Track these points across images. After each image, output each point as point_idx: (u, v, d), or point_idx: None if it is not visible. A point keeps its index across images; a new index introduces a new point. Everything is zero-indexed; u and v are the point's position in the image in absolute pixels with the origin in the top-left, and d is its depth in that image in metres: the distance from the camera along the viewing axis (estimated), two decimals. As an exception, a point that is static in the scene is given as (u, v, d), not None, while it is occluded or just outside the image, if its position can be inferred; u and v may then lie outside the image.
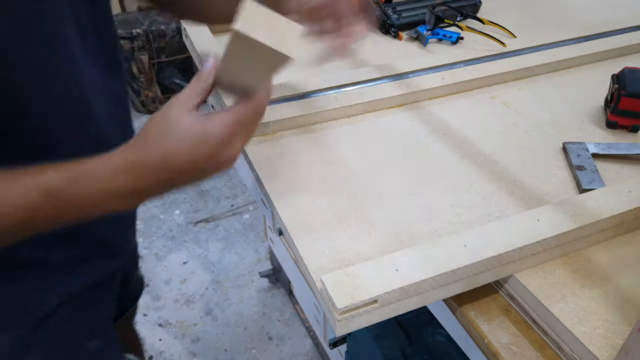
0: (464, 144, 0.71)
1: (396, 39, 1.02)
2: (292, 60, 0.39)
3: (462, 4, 1.07)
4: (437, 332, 0.93)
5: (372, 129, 0.74)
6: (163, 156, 0.42)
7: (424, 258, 0.49)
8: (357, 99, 0.76)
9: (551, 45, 0.93)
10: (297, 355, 1.59)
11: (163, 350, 1.60)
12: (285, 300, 1.74)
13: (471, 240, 0.51)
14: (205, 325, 1.67)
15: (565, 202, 0.56)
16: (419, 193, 0.62)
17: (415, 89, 0.79)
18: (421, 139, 0.72)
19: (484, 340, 0.50)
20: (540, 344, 0.50)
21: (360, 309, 0.45)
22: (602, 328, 0.47)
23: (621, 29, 0.99)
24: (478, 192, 0.63)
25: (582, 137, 0.73)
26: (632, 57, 0.94)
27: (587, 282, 0.52)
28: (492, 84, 0.85)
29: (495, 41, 0.91)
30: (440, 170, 0.66)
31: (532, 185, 0.64)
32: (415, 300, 0.48)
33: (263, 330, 1.66)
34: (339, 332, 0.46)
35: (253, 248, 1.93)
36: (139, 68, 2.51)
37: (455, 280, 0.49)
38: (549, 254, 0.53)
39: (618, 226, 0.56)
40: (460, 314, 0.53)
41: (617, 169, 0.67)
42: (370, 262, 0.48)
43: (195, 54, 0.94)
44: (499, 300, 0.54)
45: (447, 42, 0.99)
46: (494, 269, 0.51)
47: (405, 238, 0.56)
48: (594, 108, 0.79)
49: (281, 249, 1.40)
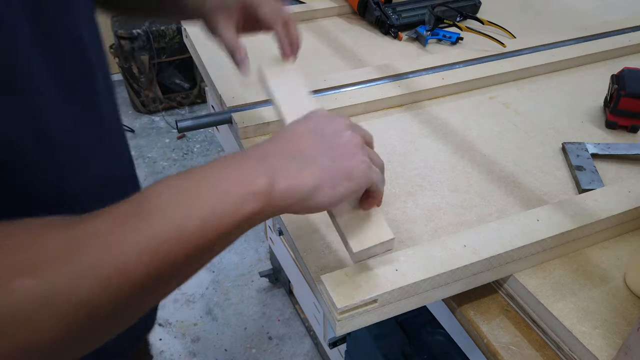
0: (463, 144, 0.71)
1: (396, 40, 1.02)
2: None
3: (461, 5, 1.07)
4: (437, 331, 0.93)
5: (372, 129, 0.74)
6: (281, 131, 0.42)
7: (423, 258, 0.49)
8: (357, 99, 0.77)
9: (551, 46, 0.93)
10: (297, 355, 1.59)
11: (163, 350, 1.60)
12: (285, 300, 1.75)
13: (471, 240, 0.51)
14: (205, 325, 1.67)
15: (565, 202, 0.56)
16: (419, 193, 0.62)
17: (415, 89, 0.80)
18: (421, 139, 0.72)
19: (484, 340, 0.50)
20: (539, 344, 0.50)
21: (360, 309, 0.45)
22: (601, 328, 0.47)
23: (621, 29, 0.99)
24: (477, 192, 0.63)
25: (582, 138, 0.73)
26: (631, 57, 0.94)
27: (586, 282, 0.52)
28: (491, 85, 0.85)
29: (494, 41, 0.91)
30: (440, 171, 0.66)
31: (532, 185, 0.64)
32: (414, 300, 0.48)
33: (263, 330, 1.66)
34: (339, 331, 0.46)
35: (253, 248, 1.93)
36: (139, 68, 2.51)
37: (454, 280, 0.49)
38: (548, 254, 0.53)
39: (617, 226, 0.56)
40: (460, 313, 0.53)
41: (617, 169, 0.67)
42: (370, 262, 0.48)
43: (195, 54, 0.94)
44: (499, 300, 0.54)
45: (447, 43, 0.99)
46: (494, 269, 0.51)
47: (405, 238, 0.56)
48: (594, 108, 0.79)
49: (281, 249, 1.40)
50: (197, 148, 2.50)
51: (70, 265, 0.28)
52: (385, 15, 1.03)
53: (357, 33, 1.05)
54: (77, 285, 0.28)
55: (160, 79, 2.61)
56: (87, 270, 0.28)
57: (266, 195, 0.35)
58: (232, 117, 0.72)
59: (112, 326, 0.32)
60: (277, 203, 0.36)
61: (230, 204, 0.33)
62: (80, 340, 0.30)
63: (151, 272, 0.30)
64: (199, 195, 0.33)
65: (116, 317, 0.31)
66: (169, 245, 0.31)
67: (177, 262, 0.31)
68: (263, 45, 0.63)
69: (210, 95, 1.29)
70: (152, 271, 0.30)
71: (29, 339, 0.27)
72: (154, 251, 0.30)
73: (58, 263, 0.28)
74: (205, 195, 0.33)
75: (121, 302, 0.30)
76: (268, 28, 0.57)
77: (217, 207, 0.33)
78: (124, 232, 0.30)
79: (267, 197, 0.35)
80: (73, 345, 0.30)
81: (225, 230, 0.33)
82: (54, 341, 0.28)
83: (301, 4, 1.13)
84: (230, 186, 0.34)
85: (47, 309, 0.27)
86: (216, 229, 0.33)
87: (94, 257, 0.29)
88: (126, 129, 2.58)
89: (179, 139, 2.56)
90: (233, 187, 0.34)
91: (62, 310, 0.27)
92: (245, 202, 0.34)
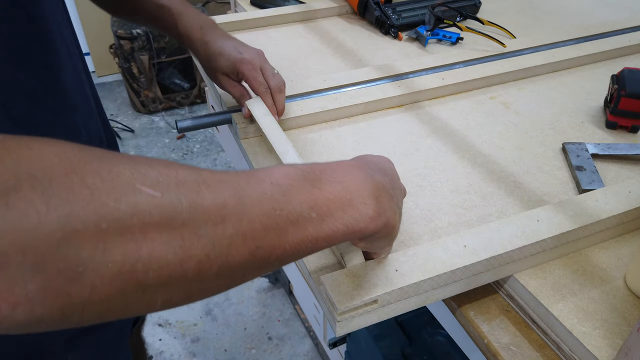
0: (463, 145, 0.71)
1: (396, 40, 1.02)
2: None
3: (461, 5, 1.07)
4: (437, 332, 0.93)
5: (372, 129, 0.74)
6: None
7: (423, 258, 0.49)
8: (357, 99, 0.76)
9: (551, 46, 0.93)
10: (297, 355, 1.59)
11: (163, 350, 1.60)
12: (285, 300, 1.75)
13: (471, 240, 0.51)
14: (205, 325, 1.67)
15: (565, 202, 0.56)
16: (419, 193, 0.62)
17: (415, 90, 0.79)
18: (421, 140, 0.72)
19: (484, 340, 0.50)
20: (539, 344, 0.50)
21: (359, 309, 0.45)
22: (601, 328, 0.47)
23: (621, 30, 0.99)
24: (477, 192, 0.63)
25: (582, 138, 0.73)
26: (631, 57, 0.94)
27: (586, 282, 0.52)
28: (491, 85, 0.85)
29: (495, 41, 0.91)
30: (440, 171, 0.66)
31: (532, 185, 0.64)
32: (415, 300, 0.48)
33: (263, 330, 1.66)
34: (339, 332, 0.46)
35: (253, 248, 1.93)
36: (139, 68, 2.51)
37: (454, 281, 0.49)
38: (548, 255, 0.53)
39: (617, 226, 0.56)
40: (460, 314, 0.53)
41: (617, 169, 0.67)
42: (370, 262, 0.48)
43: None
44: (499, 300, 0.54)
45: (447, 43, 0.99)
46: (494, 270, 0.51)
47: (405, 238, 0.56)
48: (594, 108, 0.79)
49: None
50: (197, 148, 2.50)
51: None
52: (385, 15, 1.03)
53: (357, 33, 1.05)
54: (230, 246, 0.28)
55: (160, 79, 2.61)
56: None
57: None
58: (232, 117, 0.72)
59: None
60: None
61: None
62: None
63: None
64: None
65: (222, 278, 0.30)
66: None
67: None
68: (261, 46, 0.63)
69: (210, 95, 1.29)
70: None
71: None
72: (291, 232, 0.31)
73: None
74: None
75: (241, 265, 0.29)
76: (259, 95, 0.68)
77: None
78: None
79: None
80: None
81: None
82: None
83: (301, 4, 1.13)
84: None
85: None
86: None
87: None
88: (125, 129, 2.58)
89: (178, 139, 2.56)
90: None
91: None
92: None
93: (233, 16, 1.06)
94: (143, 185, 0.25)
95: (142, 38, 2.42)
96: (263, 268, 0.31)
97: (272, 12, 1.08)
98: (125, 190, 0.25)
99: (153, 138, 2.56)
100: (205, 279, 0.28)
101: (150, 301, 0.26)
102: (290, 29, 1.06)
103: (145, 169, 0.26)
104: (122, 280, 0.24)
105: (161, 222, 0.25)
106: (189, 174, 0.28)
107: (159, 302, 0.27)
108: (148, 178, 0.26)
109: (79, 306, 0.24)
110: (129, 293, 0.25)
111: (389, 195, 0.39)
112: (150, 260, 0.25)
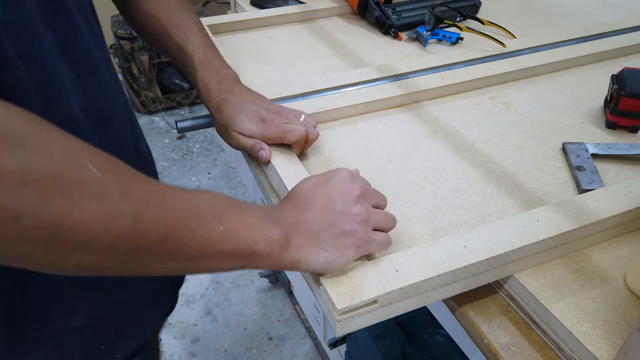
0: (463, 145, 0.71)
1: (396, 40, 1.02)
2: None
3: (461, 5, 1.07)
4: (437, 332, 0.93)
5: (372, 129, 0.74)
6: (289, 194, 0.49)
7: (423, 258, 0.49)
8: (357, 99, 0.76)
9: (551, 46, 0.93)
10: (297, 355, 1.59)
11: (163, 350, 1.60)
12: (285, 300, 1.75)
13: (471, 240, 0.51)
14: (205, 326, 1.67)
15: (565, 202, 0.56)
16: (419, 193, 0.62)
17: (415, 90, 0.79)
18: (421, 140, 0.72)
19: (484, 340, 0.50)
20: (539, 344, 0.50)
21: (359, 310, 0.45)
22: (601, 328, 0.47)
23: (621, 30, 0.99)
24: (477, 192, 0.63)
25: (582, 138, 0.73)
26: (631, 57, 0.94)
27: (586, 282, 0.52)
28: (491, 85, 0.85)
29: (494, 42, 0.91)
30: (440, 171, 0.66)
31: (532, 185, 0.64)
32: (414, 300, 0.48)
33: (263, 330, 1.66)
34: (339, 332, 0.46)
35: (253, 248, 1.93)
36: (139, 68, 2.51)
37: (454, 281, 0.49)
38: (548, 255, 0.53)
39: (618, 226, 0.56)
40: (460, 314, 0.53)
41: (617, 169, 0.67)
42: (370, 263, 0.48)
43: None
44: (499, 300, 0.54)
45: (447, 43, 0.99)
46: (494, 270, 0.51)
47: (405, 238, 0.56)
48: (594, 108, 0.79)
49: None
50: (197, 148, 2.50)
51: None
52: (385, 15, 1.03)
53: (357, 33, 1.05)
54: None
55: (160, 79, 2.61)
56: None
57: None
58: (231, 117, 0.72)
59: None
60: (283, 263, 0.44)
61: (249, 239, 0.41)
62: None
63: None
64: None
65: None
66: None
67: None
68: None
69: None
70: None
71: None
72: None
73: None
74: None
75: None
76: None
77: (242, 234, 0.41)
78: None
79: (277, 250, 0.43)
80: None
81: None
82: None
83: (301, 4, 1.13)
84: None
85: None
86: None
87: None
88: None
89: (178, 139, 2.56)
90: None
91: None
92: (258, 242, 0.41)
93: (233, 16, 1.06)
94: (91, 164, 0.32)
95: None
96: (167, 262, 0.37)
97: (272, 12, 1.08)
98: (75, 163, 0.32)
99: (153, 138, 2.56)
100: (116, 253, 0.34)
101: (65, 256, 0.32)
102: (290, 29, 1.06)
103: (97, 156, 0.34)
104: (50, 231, 0.30)
105: (96, 195, 0.32)
106: (132, 173, 0.36)
107: (73, 261, 0.33)
108: (96, 161, 0.33)
109: (5, 242, 0.29)
110: (51, 242, 0.31)
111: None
112: (79, 220, 0.31)
